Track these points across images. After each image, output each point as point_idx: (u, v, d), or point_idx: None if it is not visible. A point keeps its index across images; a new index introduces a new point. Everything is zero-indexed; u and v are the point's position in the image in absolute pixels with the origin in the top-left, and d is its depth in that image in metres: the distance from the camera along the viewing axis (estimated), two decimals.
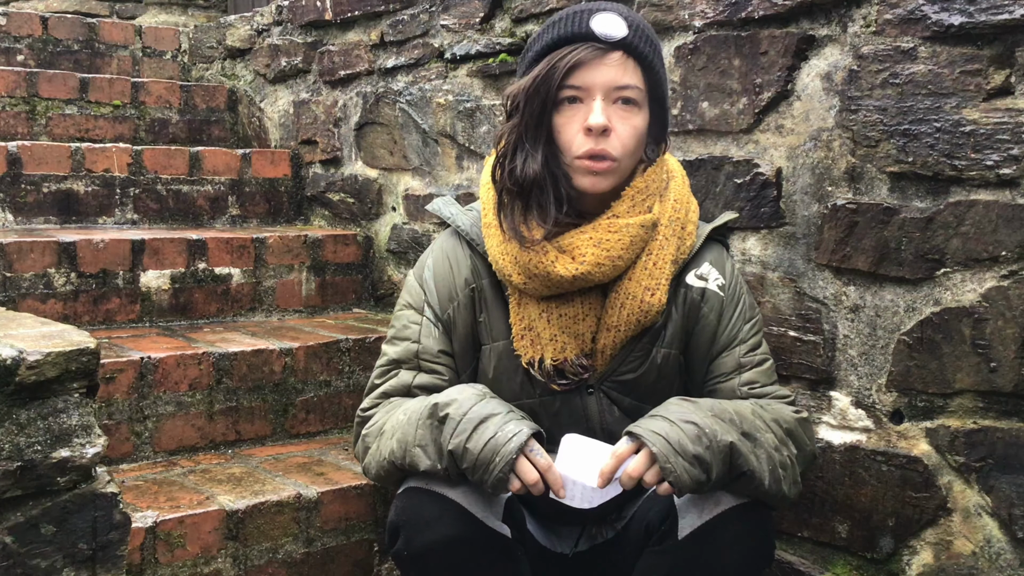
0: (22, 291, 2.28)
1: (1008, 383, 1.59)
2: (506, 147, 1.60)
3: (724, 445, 1.44)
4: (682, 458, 1.42)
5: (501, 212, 1.61)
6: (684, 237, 1.66)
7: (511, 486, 1.47)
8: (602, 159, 1.55)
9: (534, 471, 1.46)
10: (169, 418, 2.12)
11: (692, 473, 1.43)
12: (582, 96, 1.55)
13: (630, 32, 1.56)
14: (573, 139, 1.56)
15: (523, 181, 1.56)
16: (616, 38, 1.55)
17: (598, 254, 1.56)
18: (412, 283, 1.75)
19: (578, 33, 1.55)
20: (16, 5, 4.63)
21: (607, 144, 1.55)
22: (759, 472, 1.48)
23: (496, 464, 1.45)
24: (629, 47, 1.55)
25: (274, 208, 3.09)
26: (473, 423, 1.48)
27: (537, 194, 1.56)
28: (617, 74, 1.55)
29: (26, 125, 3.05)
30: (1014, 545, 1.60)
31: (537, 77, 1.55)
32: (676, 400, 1.53)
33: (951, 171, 1.63)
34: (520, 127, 1.57)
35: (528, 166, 1.55)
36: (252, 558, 1.85)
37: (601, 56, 1.54)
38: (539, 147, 1.56)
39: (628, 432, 1.48)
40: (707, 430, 1.44)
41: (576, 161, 1.56)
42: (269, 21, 3.35)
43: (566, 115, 1.56)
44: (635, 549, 1.63)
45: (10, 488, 1.28)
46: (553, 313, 1.61)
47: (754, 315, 1.71)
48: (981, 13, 1.58)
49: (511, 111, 1.60)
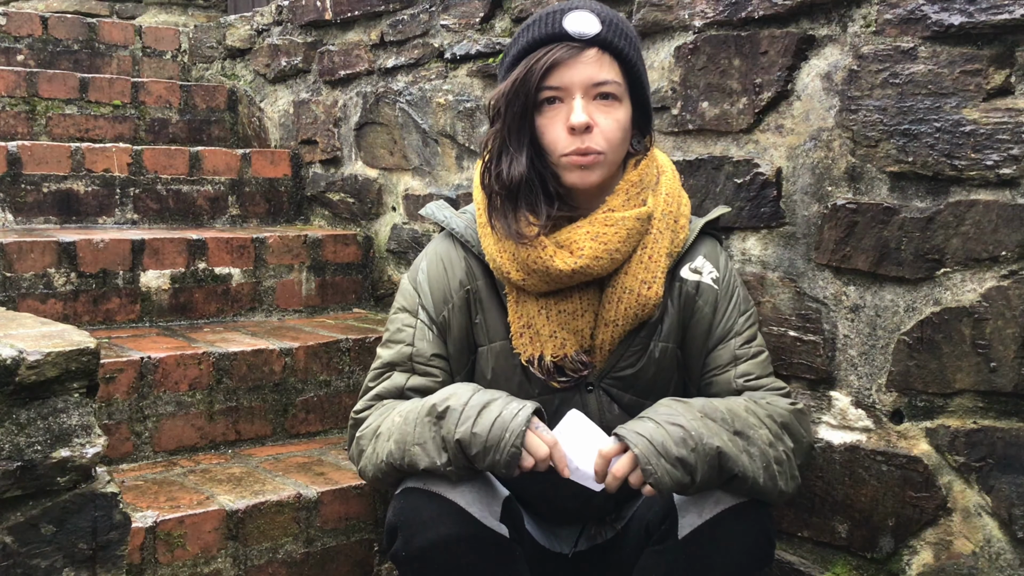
0: (22, 291, 2.28)
1: (1008, 383, 1.59)
2: (491, 152, 1.62)
3: (711, 448, 1.45)
4: (664, 460, 1.43)
5: (493, 215, 1.62)
6: (677, 230, 1.67)
7: (524, 463, 1.47)
8: (587, 153, 1.57)
9: (543, 445, 1.48)
10: (169, 418, 2.12)
11: (674, 475, 1.44)
12: (561, 96, 1.57)
13: (603, 28, 1.57)
14: (558, 139, 1.58)
15: (510, 184, 1.58)
16: (590, 35, 1.56)
17: (596, 247, 1.58)
18: (406, 286, 1.75)
19: (552, 34, 1.57)
20: (16, 5, 4.63)
21: (591, 141, 1.57)
22: (751, 472, 1.48)
23: (507, 440, 1.46)
24: (604, 43, 1.57)
25: (274, 208, 3.09)
26: (476, 409, 1.50)
27: (527, 194, 1.58)
28: (594, 70, 1.56)
29: (26, 125, 3.05)
30: (1014, 545, 1.60)
31: (515, 81, 1.56)
32: (667, 401, 1.54)
33: (951, 171, 1.63)
34: (503, 131, 1.59)
35: (514, 169, 1.57)
36: (252, 558, 1.85)
37: (576, 54, 1.56)
38: (523, 149, 1.58)
39: (615, 433, 1.49)
40: (693, 432, 1.45)
41: (563, 159, 1.58)
42: (269, 21, 3.35)
43: (548, 116, 1.58)
44: (635, 549, 1.63)
45: (10, 488, 1.28)
46: (552, 309, 1.62)
47: (748, 308, 1.72)
48: (981, 13, 1.58)
49: (493, 117, 1.62)
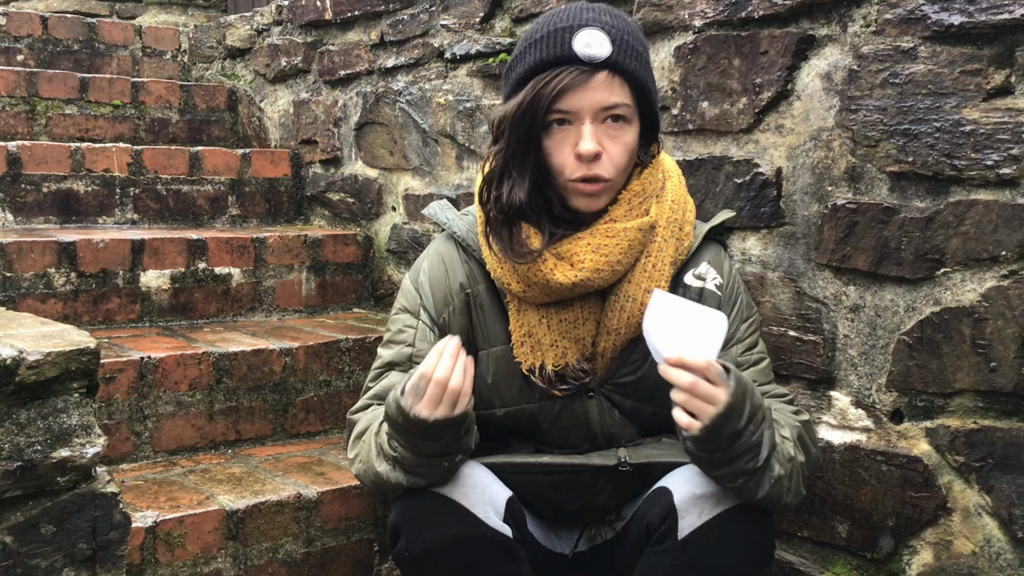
0: (22, 291, 2.28)
1: (1008, 383, 1.59)
2: (492, 172, 1.57)
3: (762, 437, 1.45)
4: (748, 404, 1.41)
5: (491, 235, 1.58)
6: (682, 238, 1.66)
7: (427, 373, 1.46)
8: (595, 181, 1.54)
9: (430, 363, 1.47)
10: (169, 418, 2.12)
11: (731, 425, 1.41)
12: (570, 119, 1.52)
13: (614, 49, 1.51)
14: (565, 163, 1.54)
15: (508, 210, 1.54)
16: (601, 58, 1.50)
17: (597, 260, 1.56)
18: (408, 287, 1.75)
19: (561, 56, 1.50)
20: (16, 5, 4.63)
21: (599, 168, 1.53)
22: (765, 487, 1.48)
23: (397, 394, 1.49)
24: (615, 66, 1.51)
25: (274, 208, 3.09)
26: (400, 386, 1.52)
27: (528, 216, 1.55)
28: (604, 95, 1.51)
29: (26, 125, 3.05)
30: (1014, 545, 1.60)
31: (522, 104, 1.51)
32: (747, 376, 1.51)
33: (951, 171, 1.63)
34: (506, 153, 1.54)
35: (515, 195, 1.53)
36: (252, 558, 1.85)
37: (587, 79, 1.50)
38: (526, 174, 1.53)
39: (724, 367, 1.44)
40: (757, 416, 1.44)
41: (570, 184, 1.55)
42: (269, 21, 3.35)
43: (556, 138, 1.54)
44: (635, 549, 1.63)
45: (10, 488, 1.28)
46: (553, 319, 1.61)
47: (751, 314, 1.71)
48: (981, 13, 1.58)
49: (496, 136, 1.56)
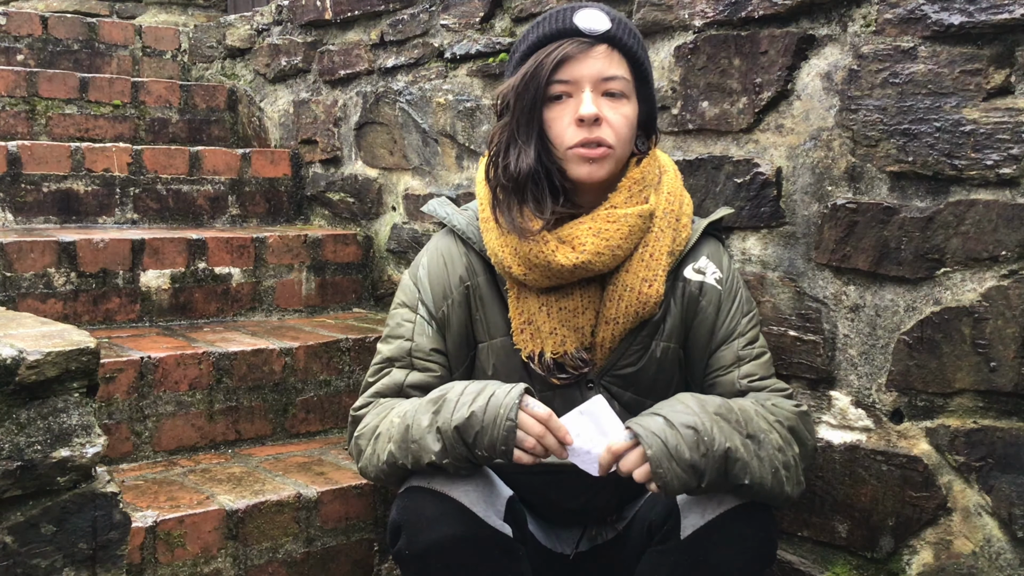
0: (22, 291, 2.28)
1: (1008, 383, 1.59)
2: (498, 146, 1.63)
3: (720, 452, 1.44)
4: (676, 464, 1.42)
5: (497, 208, 1.62)
6: (679, 229, 1.67)
7: (522, 443, 1.46)
8: (597, 145, 1.57)
9: (536, 423, 1.47)
10: (169, 418, 2.12)
11: (683, 479, 1.43)
12: (571, 90, 1.58)
13: (613, 25, 1.60)
14: (565, 131, 1.59)
15: (517, 176, 1.58)
16: (600, 31, 1.59)
17: (598, 243, 1.58)
18: (407, 282, 1.75)
19: (563, 29, 1.60)
20: (16, 5, 4.63)
21: (600, 132, 1.58)
22: (759, 477, 1.47)
23: (502, 415, 1.46)
24: (613, 39, 1.60)
25: (274, 208, 3.09)
26: (472, 394, 1.51)
27: (532, 188, 1.59)
28: (604, 66, 1.59)
29: (26, 125, 3.05)
30: (1014, 545, 1.60)
31: (526, 75, 1.59)
32: (684, 397, 1.52)
33: (951, 171, 1.63)
34: (512, 124, 1.60)
35: (522, 161, 1.58)
36: (252, 558, 1.85)
37: (587, 49, 1.58)
38: (531, 142, 1.59)
39: (628, 427, 1.48)
40: (706, 437, 1.44)
41: (569, 152, 1.58)
42: (269, 21, 3.35)
43: (556, 111, 1.59)
44: (637, 549, 1.63)
45: (10, 488, 1.28)
46: (553, 306, 1.62)
47: (751, 308, 1.72)
48: (981, 13, 1.58)
49: (501, 110, 1.64)
